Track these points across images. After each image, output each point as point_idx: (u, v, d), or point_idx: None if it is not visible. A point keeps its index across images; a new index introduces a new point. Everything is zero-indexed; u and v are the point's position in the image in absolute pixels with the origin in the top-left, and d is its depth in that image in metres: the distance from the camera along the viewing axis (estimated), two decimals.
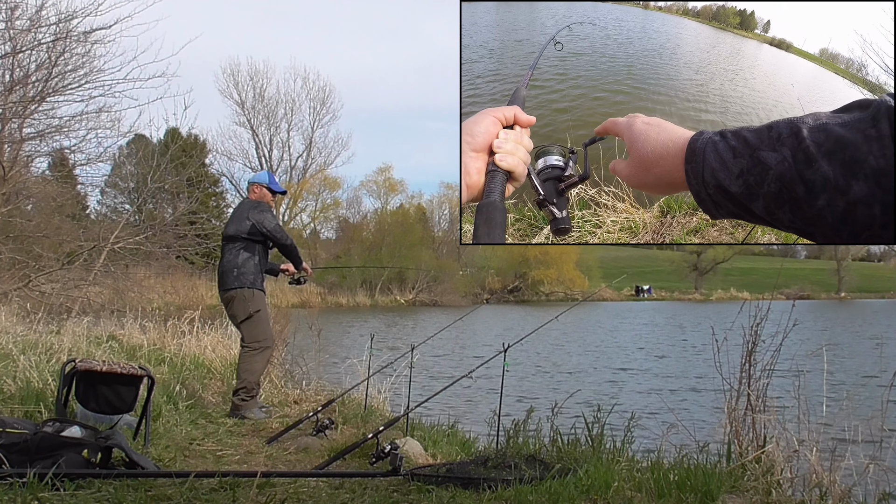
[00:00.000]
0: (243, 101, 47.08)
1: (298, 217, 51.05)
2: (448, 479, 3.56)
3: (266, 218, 5.94)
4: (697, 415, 9.37)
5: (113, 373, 4.54)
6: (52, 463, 3.30)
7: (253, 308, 5.84)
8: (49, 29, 10.77)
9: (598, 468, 3.58)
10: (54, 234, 13.15)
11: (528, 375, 13.73)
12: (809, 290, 56.50)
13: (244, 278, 5.84)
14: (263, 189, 6.17)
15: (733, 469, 3.83)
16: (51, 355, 6.57)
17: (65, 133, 12.01)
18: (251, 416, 5.68)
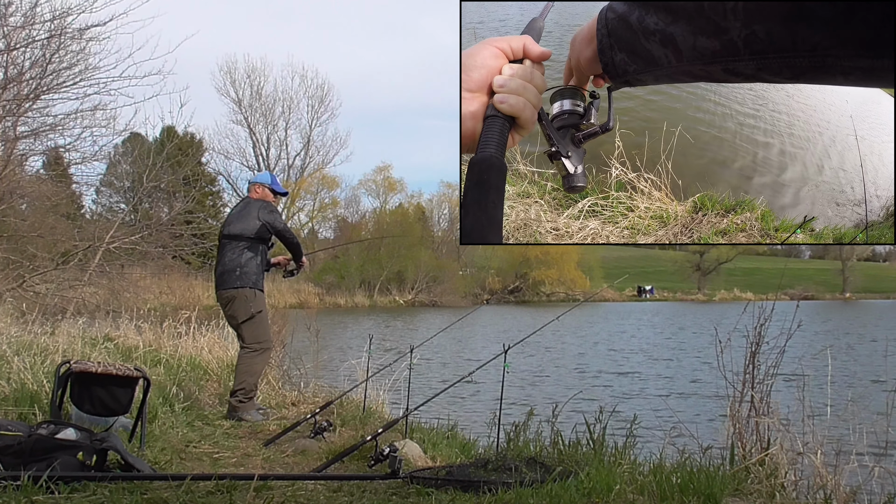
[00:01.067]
0: (240, 98, 47.05)
1: (296, 216, 51.03)
2: (448, 481, 3.56)
3: (276, 218, 5.96)
4: (700, 417, 9.37)
5: (108, 374, 4.54)
6: (47, 466, 3.30)
7: (255, 308, 5.84)
8: (43, 26, 10.76)
9: (600, 471, 3.58)
10: (49, 234, 13.15)
11: (528, 377, 13.73)
12: (814, 290, 56.53)
13: (247, 278, 5.83)
14: (266, 189, 6.16)
15: (736, 472, 3.83)
16: (45, 356, 6.56)
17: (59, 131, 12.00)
18: (248, 419, 5.68)
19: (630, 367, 15.91)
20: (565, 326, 24.46)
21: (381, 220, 51.59)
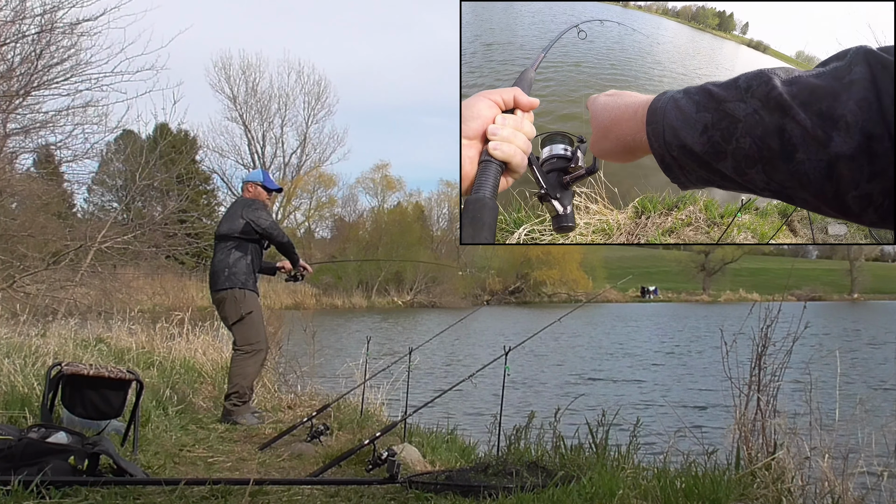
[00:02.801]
0: (235, 95, 47.03)
1: (292, 216, 51.04)
2: (447, 486, 3.56)
3: (260, 216, 5.93)
4: (705, 420, 9.38)
5: (100, 377, 4.54)
6: (38, 470, 3.30)
7: (245, 309, 5.84)
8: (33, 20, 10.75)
9: (603, 475, 3.59)
10: (39, 234, 13.13)
11: (530, 380, 13.74)
12: (821, 291, 56.60)
13: (235, 278, 5.84)
14: (258, 187, 6.18)
15: (742, 476, 3.82)
16: (36, 358, 6.56)
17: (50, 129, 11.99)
18: (243, 422, 5.68)
19: (633, 370, 15.91)
20: (567, 328, 24.48)
21: (380, 220, 51.61)
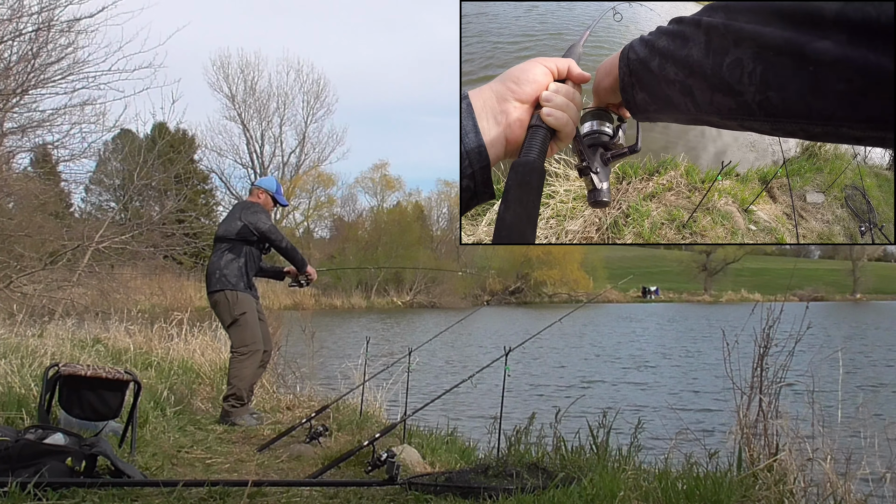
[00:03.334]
0: (233, 94, 47.00)
1: (291, 215, 51.03)
2: (447, 488, 3.56)
3: (260, 219, 5.93)
4: (707, 421, 9.38)
5: (98, 377, 4.54)
6: (35, 471, 3.30)
7: (237, 311, 5.82)
8: (31, 18, 10.75)
9: (604, 477, 3.59)
10: (36, 233, 13.13)
11: (530, 381, 13.74)
12: (823, 291, 56.57)
13: (226, 280, 5.82)
14: (268, 196, 6.19)
15: (744, 478, 3.83)
16: (33, 359, 6.56)
17: (47, 128, 12.00)
18: (241, 423, 5.68)
19: (634, 371, 15.91)
20: (568, 329, 24.48)
21: (379, 220, 51.59)
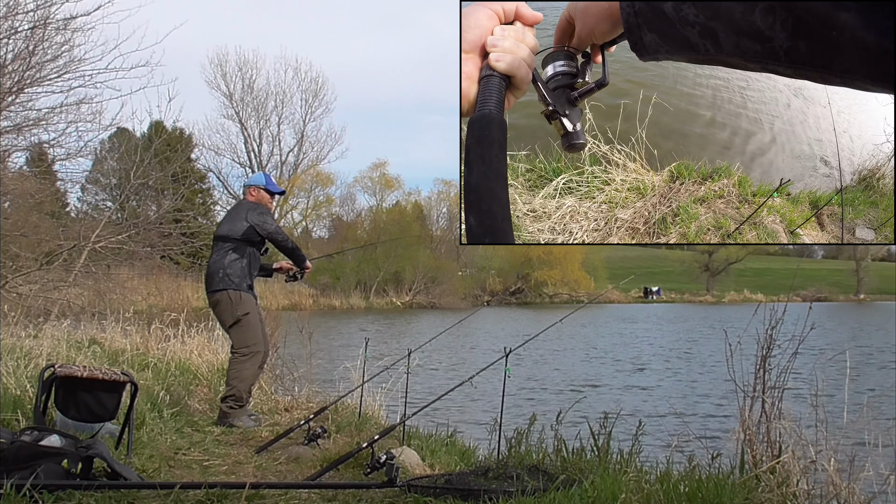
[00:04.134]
0: (231, 92, 47.01)
1: (289, 215, 51.01)
2: (447, 490, 3.56)
3: (266, 220, 5.98)
4: (709, 423, 9.38)
5: (94, 379, 4.54)
6: (30, 473, 3.30)
7: (240, 311, 5.84)
8: (26, 16, 10.74)
9: (605, 479, 3.59)
10: (32, 233, 13.13)
11: (530, 381, 13.74)
12: (827, 291, 56.53)
13: (230, 280, 5.83)
14: (261, 191, 6.20)
15: (746, 480, 3.82)
16: (29, 360, 6.56)
17: (43, 126, 11.97)
18: (239, 425, 5.68)
19: (636, 372, 15.92)
20: (569, 329, 24.48)
21: (378, 219, 51.58)
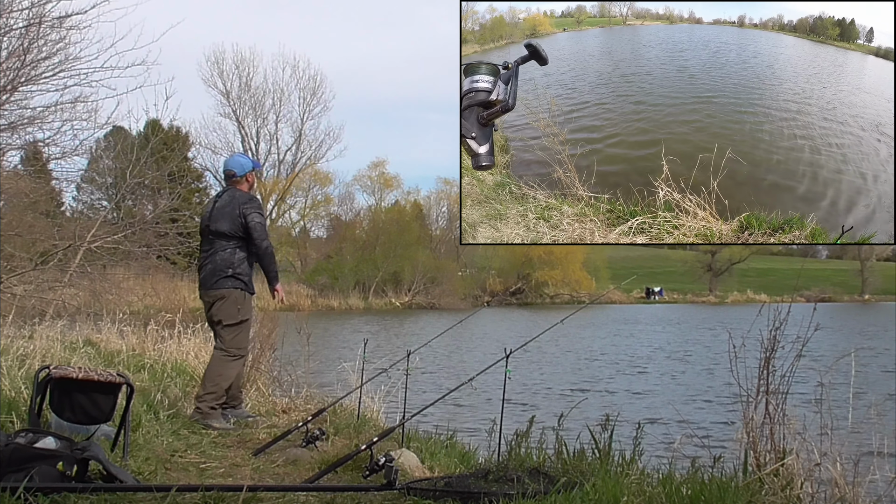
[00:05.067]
0: (228, 90, 47.00)
1: (287, 214, 51.08)
2: (446, 493, 3.56)
3: (254, 216, 5.85)
4: (712, 425, 9.38)
5: (89, 380, 4.53)
6: (25, 476, 3.29)
7: (243, 315, 5.80)
8: (21, 14, 10.73)
9: (606, 482, 3.59)
10: (27, 233, 13.13)
11: (531, 383, 13.74)
12: (831, 292, 56.55)
13: (240, 279, 5.77)
14: (253, 175, 6.21)
15: (750, 483, 3.83)
16: (23, 361, 6.57)
17: (38, 125, 11.95)
18: (217, 426, 5.62)
19: (638, 373, 15.92)
20: (570, 330, 24.46)
21: (377, 219, 51.57)
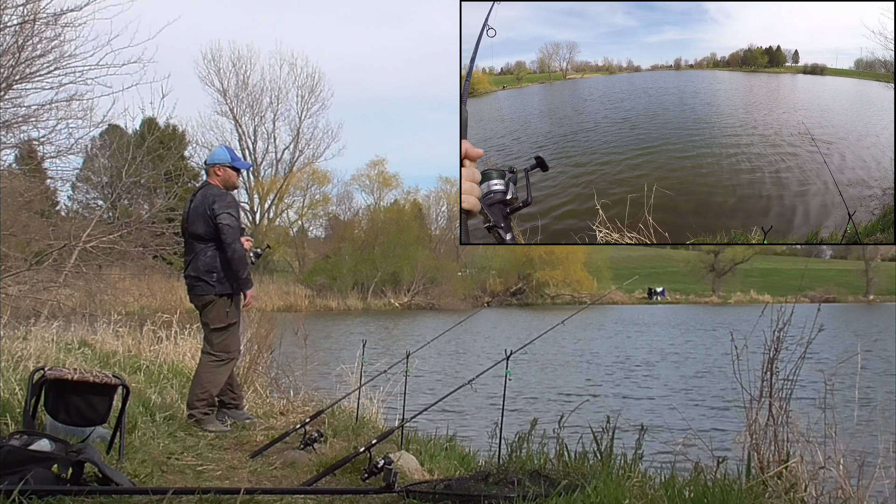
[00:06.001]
0: (225, 88, 47.13)
1: (285, 214, 51.09)
2: (446, 495, 3.56)
3: (224, 212, 5.61)
4: (714, 427, 9.39)
5: (85, 382, 4.53)
6: (20, 479, 3.30)
7: (231, 318, 5.75)
8: (15, 10, 10.72)
9: (608, 485, 3.59)
10: (21, 232, 13.12)
11: (532, 385, 13.74)
12: (835, 292, 56.48)
13: (224, 284, 5.69)
14: (227, 170, 5.82)
15: (753, 486, 3.83)
16: (18, 363, 6.57)
17: (33, 123, 11.95)
18: (213, 430, 5.62)
19: (640, 375, 15.93)
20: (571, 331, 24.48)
21: (376, 218, 51.55)
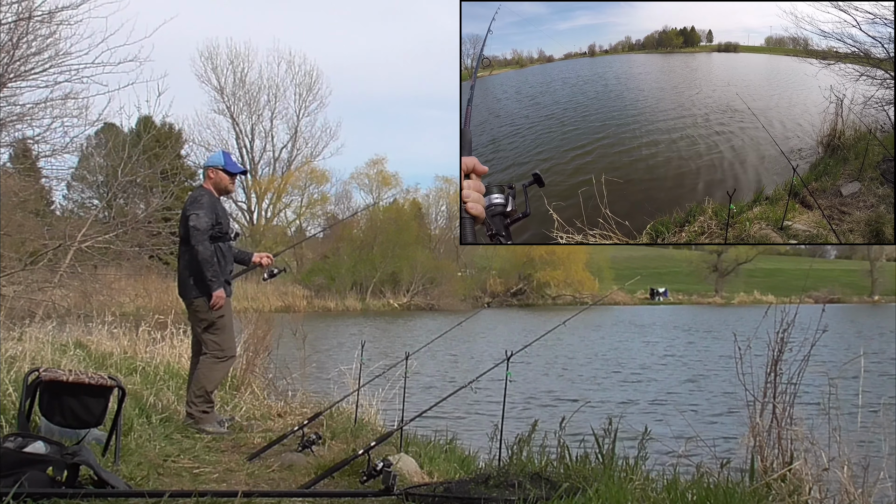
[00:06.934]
0: (222, 86, 47.11)
1: (283, 213, 51.09)
2: (446, 498, 3.56)
3: (194, 213, 5.66)
4: (717, 429, 9.38)
5: (80, 383, 4.53)
6: (14, 481, 3.30)
7: (216, 314, 5.76)
8: (10, 8, 10.72)
9: (610, 487, 3.59)
10: (16, 232, 13.12)
11: (532, 386, 13.74)
12: (840, 292, 56.53)
13: (203, 286, 5.71)
14: (220, 173, 5.89)
15: (756, 488, 3.83)
16: (12, 364, 6.56)
17: (28, 122, 11.95)
18: (211, 430, 5.62)
19: (642, 376, 15.92)
20: (572, 332, 24.49)
21: (375, 217, 51.54)
